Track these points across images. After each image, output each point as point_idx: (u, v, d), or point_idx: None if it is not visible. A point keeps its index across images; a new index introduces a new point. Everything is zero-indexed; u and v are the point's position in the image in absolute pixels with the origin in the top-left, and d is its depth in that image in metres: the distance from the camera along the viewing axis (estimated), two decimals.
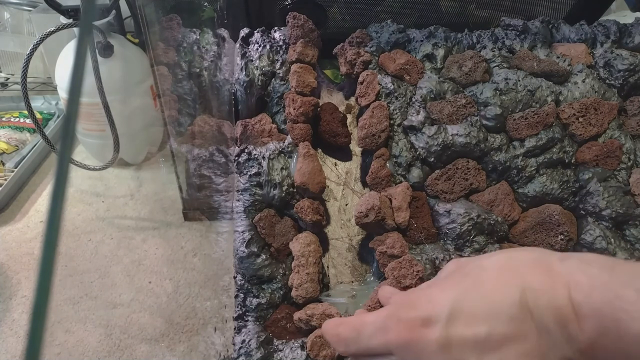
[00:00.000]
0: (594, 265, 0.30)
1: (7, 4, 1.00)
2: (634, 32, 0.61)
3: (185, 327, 0.60)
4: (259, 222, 0.55)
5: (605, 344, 0.27)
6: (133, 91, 0.76)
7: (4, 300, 0.63)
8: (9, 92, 1.04)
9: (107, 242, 0.71)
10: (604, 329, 0.27)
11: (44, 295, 0.18)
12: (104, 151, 0.80)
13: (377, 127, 0.55)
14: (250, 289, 0.53)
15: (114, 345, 0.58)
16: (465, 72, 0.59)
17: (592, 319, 0.28)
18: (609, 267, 0.29)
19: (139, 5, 0.55)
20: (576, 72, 0.58)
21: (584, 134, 0.55)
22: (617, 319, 0.27)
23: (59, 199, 0.18)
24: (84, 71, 0.21)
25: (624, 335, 0.27)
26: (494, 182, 0.56)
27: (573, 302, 0.28)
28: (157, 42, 0.64)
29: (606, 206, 0.52)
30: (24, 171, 0.81)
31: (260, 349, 0.50)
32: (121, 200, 0.79)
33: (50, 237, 0.18)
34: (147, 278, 0.66)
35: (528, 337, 0.29)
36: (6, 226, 0.74)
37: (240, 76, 0.63)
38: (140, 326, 0.60)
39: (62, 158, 0.19)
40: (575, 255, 0.31)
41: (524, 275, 0.30)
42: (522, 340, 0.29)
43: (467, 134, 0.54)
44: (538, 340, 0.29)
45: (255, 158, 0.57)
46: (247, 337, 0.51)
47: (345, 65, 0.62)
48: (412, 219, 0.53)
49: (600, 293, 0.28)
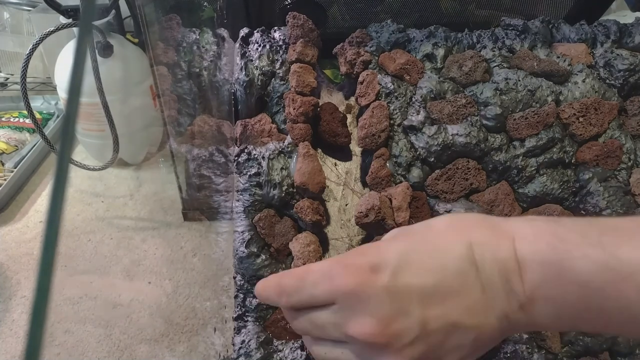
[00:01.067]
0: (540, 219, 0.30)
1: (6, 3, 1.00)
2: (634, 32, 0.61)
3: (185, 328, 0.60)
4: (259, 222, 0.55)
5: (545, 293, 0.27)
6: (133, 91, 0.76)
7: (4, 301, 0.63)
8: (8, 92, 1.04)
9: (107, 242, 0.71)
10: (546, 276, 0.27)
11: (43, 296, 0.18)
12: (104, 151, 0.80)
13: (377, 127, 0.55)
14: (250, 289, 0.53)
15: (114, 345, 0.58)
16: (466, 72, 0.59)
17: (535, 267, 0.28)
18: (555, 220, 0.30)
19: (139, 5, 0.55)
20: (576, 72, 0.58)
21: (584, 134, 0.55)
22: (560, 260, 0.27)
23: (58, 199, 0.18)
24: (83, 71, 0.21)
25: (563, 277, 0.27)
26: (494, 182, 0.56)
27: (517, 254, 0.28)
28: (156, 42, 0.64)
29: (606, 206, 0.52)
30: (24, 171, 0.81)
31: (260, 349, 0.50)
32: (121, 200, 0.79)
33: (49, 237, 0.18)
34: (147, 278, 0.66)
35: (472, 292, 0.29)
36: (6, 226, 0.74)
37: (240, 76, 0.63)
38: (140, 326, 0.60)
39: (62, 158, 0.19)
40: (520, 217, 0.32)
41: (470, 231, 0.31)
42: (466, 294, 0.29)
43: (467, 133, 0.54)
44: (481, 295, 0.29)
45: (255, 158, 0.57)
46: (247, 337, 0.51)
47: (345, 65, 0.62)
48: (412, 219, 0.53)
49: (544, 239, 0.28)
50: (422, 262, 0.30)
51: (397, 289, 0.29)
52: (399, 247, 0.31)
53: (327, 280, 0.31)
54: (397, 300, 0.29)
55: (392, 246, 0.31)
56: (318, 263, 0.33)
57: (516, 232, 0.29)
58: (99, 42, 0.70)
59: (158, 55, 0.65)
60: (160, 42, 0.66)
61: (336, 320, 0.30)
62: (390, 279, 0.29)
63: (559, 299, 0.27)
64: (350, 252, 0.33)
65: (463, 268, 0.29)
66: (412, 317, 0.29)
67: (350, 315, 0.30)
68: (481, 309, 0.29)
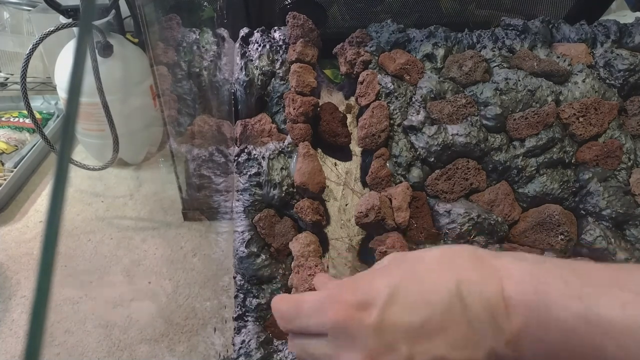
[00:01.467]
0: (526, 259, 0.31)
1: (6, 3, 1.00)
2: (634, 32, 0.61)
3: (185, 328, 0.60)
4: (259, 222, 0.55)
5: (530, 333, 0.28)
6: (132, 91, 0.76)
7: (4, 301, 0.63)
8: (8, 92, 1.04)
9: (107, 242, 0.71)
10: (529, 319, 0.28)
11: (43, 296, 0.18)
12: (104, 151, 0.80)
13: (377, 127, 0.55)
14: (250, 289, 0.53)
15: (114, 345, 0.58)
16: (466, 72, 0.59)
17: (520, 309, 0.29)
18: (540, 261, 0.30)
19: (139, 5, 0.55)
20: (576, 72, 0.58)
21: (584, 134, 0.55)
22: (543, 306, 0.28)
23: (58, 199, 0.18)
24: (83, 71, 0.21)
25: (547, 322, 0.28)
26: (494, 182, 0.56)
27: (504, 294, 0.29)
28: (156, 41, 0.64)
29: (606, 206, 0.52)
30: (24, 171, 0.81)
31: (260, 349, 0.50)
32: (121, 200, 0.79)
33: (49, 237, 0.18)
34: (147, 278, 0.66)
35: (459, 328, 0.29)
36: (5, 226, 0.74)
37: (240, 76, 0.63)
38: (140, 326, 0.60)
39: (62, 158, 0.19)
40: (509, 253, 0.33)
41: (459, 268, 0.31)
42: (452, 330, 0.30)
43: (467, 133, 0.54)
44: (468, 331, 0.29)
45: (255, 158, 0.57)
46: (247, 337, 0.51)
47: (345, 65, 0.62)
48: (412, 219, 0.53)
49: (529, 282, 0.29)
50: (410, 299, 0.31)
51: (384, 326, 0.30)
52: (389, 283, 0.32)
53: (318, 314, 0.33)
54: (384, 337, 0.30)
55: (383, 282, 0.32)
56: (312, 294, 0.35)
57: (504, 272, 0.30)
58: (99, 42, 0.70)
59: (158, 55, 0.65)
60: (160, 42, 0.66)
61: (326, 351, 0.32)
62: (378, 316, 0.30)
63: (544, 340, 0.28)
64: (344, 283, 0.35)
65: (451, 306, 0.30)
66: (398, 352, 0.30)
67: (340, 349, 0.31)
68: (468, 343, 0.29)
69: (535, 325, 0.28)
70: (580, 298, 0.27)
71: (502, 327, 0.29)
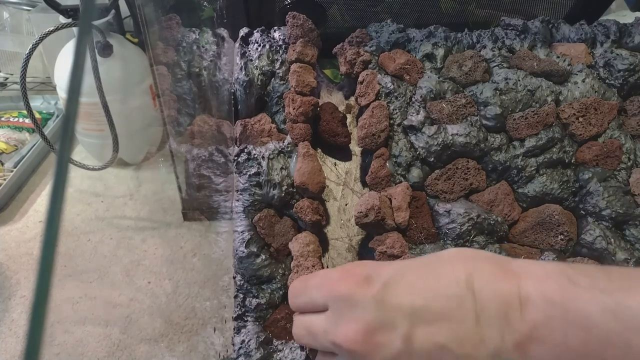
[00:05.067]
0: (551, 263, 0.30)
1: (6, 3, 1.00)
2: (634, 32, 0.61)
3: (185, 328, 0.60)
4: (259, 222, 0.55)
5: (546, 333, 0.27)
6: (132, 91, 0.76)
7: (3, 301, 0.63)
8: (8, 92, 1.04)
9: (107, 242, 0.71)
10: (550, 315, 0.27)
11: (43, 295, 0.18)
12: (103, 151, 0.80)
13: (376, 126, 0.55)
14: (250, 289, 0.53)
15: (113, 345, 0.58)
16: (465, 72, 0.59)
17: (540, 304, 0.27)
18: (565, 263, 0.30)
19: (138, 4, 0.55)
20: (576, 71, 0.58)
21: (584, 134, 0.55)
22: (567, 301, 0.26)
23: (58, 198, 0.18)
24: (83, 71, 0.21)
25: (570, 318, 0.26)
26: (494, 182, 0.56)
27: (521, 292, 0.28)
28: (156, 41, 0.64)
29: (606, 206, 0.52)
30: (23, 171, 0.81)
31: (259, 349, 0.49)
32: (120, 200, 0.79)
33: (49, 237, 0.18)
34: (147, 278, 0.66)
35: (465, 320, 0.28)
36: (5, 226, 0.74)
37: (240, 76, 0.63)
38: (140, 326, 0.60)
39: (62, 158, 0.19)
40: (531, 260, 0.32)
41: (475, 263, 0.31)
42: (458, 321, 0.28)
43: (467, 133, 0.54)
44: (474, 326, 0.28)
45: (255, 158, 0.57)
46: (247, 337, 0.50)
47: (345, 64, 0.62)
48: (412, 219, 0.53)
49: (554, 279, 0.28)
50: (416, 281, 0.30)
51: (385, 300, 0.30)
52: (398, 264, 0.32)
53: (325, 285, 0.33)
54: (384, 311, 0.29)
55: (392, 263, 0.33)
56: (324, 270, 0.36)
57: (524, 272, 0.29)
58: (98, 42, 0.70)
59: (158, 55, 0.65)
60: (160, 42, 0.66)
61: (326, 327, 0.32)
62: (380, 290, 0.30)
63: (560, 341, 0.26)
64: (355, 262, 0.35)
65: (458, 293, 0.29)
66: (396, 330, 0.29)
67: (339, 320, 0.31)
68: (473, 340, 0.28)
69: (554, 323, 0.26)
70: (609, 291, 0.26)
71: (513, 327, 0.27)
